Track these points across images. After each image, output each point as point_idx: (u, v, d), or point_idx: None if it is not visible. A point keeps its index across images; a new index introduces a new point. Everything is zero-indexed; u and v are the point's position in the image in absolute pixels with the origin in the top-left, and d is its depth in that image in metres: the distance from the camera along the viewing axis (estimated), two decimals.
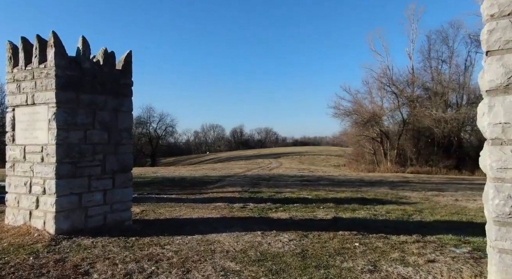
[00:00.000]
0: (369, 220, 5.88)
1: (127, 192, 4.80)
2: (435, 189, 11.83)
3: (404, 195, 9.91)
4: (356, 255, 3.48)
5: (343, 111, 32.34)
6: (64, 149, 4.06)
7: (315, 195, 9.02)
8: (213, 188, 10.48)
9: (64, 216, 4.05)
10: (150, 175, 16.43)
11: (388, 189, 11.37)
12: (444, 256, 3.46)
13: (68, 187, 4.08)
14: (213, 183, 11.96)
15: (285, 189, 10.23)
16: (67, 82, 4.08)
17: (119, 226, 4.57)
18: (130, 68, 4.82)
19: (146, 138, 76.79)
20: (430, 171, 28.09)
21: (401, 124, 29.62)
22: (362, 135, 32.56)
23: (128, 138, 4.83)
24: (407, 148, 30.21)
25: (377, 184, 13.26)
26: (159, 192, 9.31)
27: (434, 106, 28.50)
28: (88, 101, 4.31)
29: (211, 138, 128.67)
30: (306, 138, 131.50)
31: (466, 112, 26.52)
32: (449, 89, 30.08)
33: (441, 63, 33.00)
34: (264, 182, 12.11)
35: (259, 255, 3.49)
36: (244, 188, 10.10)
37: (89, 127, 4.33)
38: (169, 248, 3.71)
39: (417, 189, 11.63)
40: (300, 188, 10.89)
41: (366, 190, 10.81)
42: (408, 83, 31.33)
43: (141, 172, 18.85)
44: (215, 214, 5.96)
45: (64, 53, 4.09)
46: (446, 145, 30.61)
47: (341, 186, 11.96)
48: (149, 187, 10.58)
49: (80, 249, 3.58)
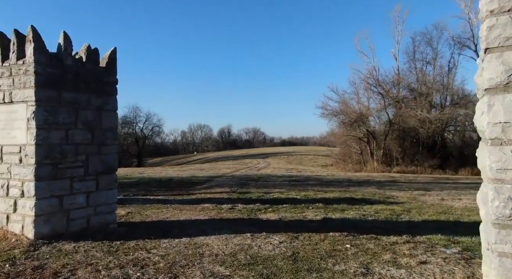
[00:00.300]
0: (358, 220, 5.86)
1: (111, 193, 4.63)
2: (421, 189, 12.00)
3: (392, 194, 9.99)
4: (348, 257, 3.43)
5: (330, 111, 32.61)
6: (44, 150, 3.86)
7: (304, 195, 8.99)
8: (200, 188, 10.32)
9: (44, 220, 3.85)
10: (137, 176, 16.13)
11: (375, 189, 11.45)
12: (436, 257, 3.45)
13: (48, 189, 3.88)
14: (201, 184, 11.79)
15: (274, 189, 10.17)
16: (47, 80, 3.88)
17: (103, 229, 4.39)
18: (114, 65, 4.64)
19: (132, 139, 75.67)
20: (416, 170, 28.63)
21: (387, 124, 30.05)
22: (349, 135, 32.89)
23: (113, 139, 4.65)
24: (393, 148, 30.69)
25: (365, 184, 13.36)
26: (145, 193, 9.09)
27: (419, 107, 29.05)
28: (70, 99, 4.12)
29: (199, 139, 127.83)
30: (294, 138, 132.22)
31: (449, 113, 27.13)
32: (433, 90, 30.72)
33: (425, 64, 33.70)
34: (253, 182, 12.02)
35: (249, 258, 3.39)
36: (233, 189, 9.98)
37: (71, 127, 4.14)
38: (155, 252, 3.57)
39: (404, 189, 11.77)
40: (289, 188, 10.85)
41: (354, 190, 10.86)
42: (393, 84, 31.84)
43: (127, 173, 18.49)
44: (203, 215, 5.83)
45: (44, 49, 3.89)
46: (430, 144, 31.26)
47: (329, 186, 11.99)
48: (135, 188, 10.33)
49: (61, 255, 3.40)
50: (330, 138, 37.71)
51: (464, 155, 34.24)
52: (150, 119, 77.23)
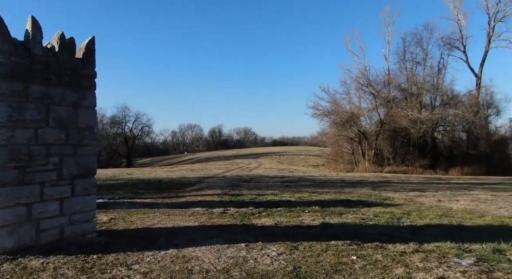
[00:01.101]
0: (359, 225, 5.50)
1: (89, 200, 4.14)
2: (416, 189, 11.77)
3: (387, 195, 9.71)
4: (356, 273, 3.04)
5: (321, 111, 32.41)
6: (8, 151, 3.36)
7: (299, 197, 8.61)
8: (191, 190, 9.84)
9: (8, 232, 3.36)
10: (125, 177, 15.51)
11: (370, 190, 11.18)
12: (453, 270, 3.09)
13: (13, 197, 3.39)
14: (192, 185, 11.32)
15: (267, 191, 9.76)
16: (11, 71, 3.38)
17: (79, 240, 3.91)
18: (92, 57, 4.16)
19: (122, 139, 74.42)
20: (407, 170, 28.65)
21: (378, 124, 30.03)
22: (340, 135, 32.76)
23: (91, 138, 4.17)
24: (384, 148, 30.67)
25: (359, 185, 13.10)
26: (132, 195, 8.57)
27: (410, 107, 29.11)
28: (39, 94, 3.62)
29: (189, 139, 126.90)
30: (285, 138, 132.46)
31: (440, 113, 27.20)
32: (423, 91, 30.84)
33: (415, 64, 33.88)
34: (245, 184, 11.60)
35: (244, 275, 2.97)
36: (224, 190, 9.54)
37: (42, 125, 3.65)
38: (137, 268, 3.12)
39: (399, 189, 11.53)
40: (282, 189, 10.47)
41: (349, 191, 10.55)
42: (384, 84, 31.87)
43: (115, 174, 17.80)
44: (193, 221, 5.38)
45: (8, 36, 3.39)
46: (421, 145, 31.38)
47: (323, 187, 11.66)
48: (122, 190, 9.79)
49: (25, 274, 2.92)
50: (321, 139, 37.59)
51: (453, 155, 34.56)
52: (139, 119, 76.07)
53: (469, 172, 29.33)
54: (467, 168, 30.11)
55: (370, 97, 30.11)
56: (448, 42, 34.15)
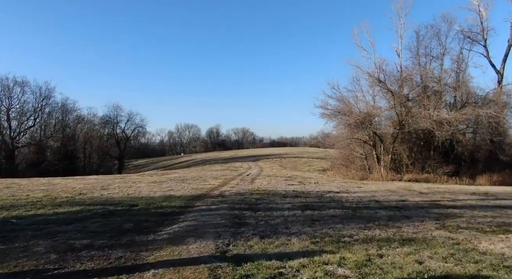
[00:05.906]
0: None
1: None
2: (499, 222, 8.22)
3: (488, 248, 6.19)
4: None
5: (331, 111, 28.85)
6: None
7: (355, 262, 5.06)
8: (166, 240, 6.19)
9: None
10: (93, 196, 11.63)
11: (438, 226, 7.56)
12: None
13: None
14: (172, 219, 7.76)
15: (290, 239, 6.15)
16: None
17: None
18: None
19: (113, 140, 70.65)
20: (429, 178, 25.09)
21: (396, 126, 26.50)
22: (352, 138, 29.24)
23: None
24: (403, 153, 27.16)
25: (406, 210, 9.52)
26: (59, 257, 4.98)
27: (432, 107, 25.63)
28: None
29: (186, 139, 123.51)
30: (284, 139, 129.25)
31: (471, 113, 23.73)
32: (447, 88, 27.42)
33: (433, 59, 30.43)
34: (252, 218, 7.98)
35: None
36: (220, 242, 5.85)
37: None
38: None
39: (481, 225, 7.95)
40: (309, 228, 6.94)
41: (407, 231, 7.01)
42: (402, 81, 28.35)
43: (86, 188, 13.41)
44: None
45: None
46: (443, 149, 27.94)
47: (361, 217, 8.16)
48: (56, 237, 6.19)
49: None
50: (330, 141, 33.94)
51: (475, 159, 31.10)
52: (132, 119, 72.44)
53: (499, 180, 25.96)
54: (496, 175, 26.73)
55: (387, 95, 26.59)
56: (469, 35, 30.78)
